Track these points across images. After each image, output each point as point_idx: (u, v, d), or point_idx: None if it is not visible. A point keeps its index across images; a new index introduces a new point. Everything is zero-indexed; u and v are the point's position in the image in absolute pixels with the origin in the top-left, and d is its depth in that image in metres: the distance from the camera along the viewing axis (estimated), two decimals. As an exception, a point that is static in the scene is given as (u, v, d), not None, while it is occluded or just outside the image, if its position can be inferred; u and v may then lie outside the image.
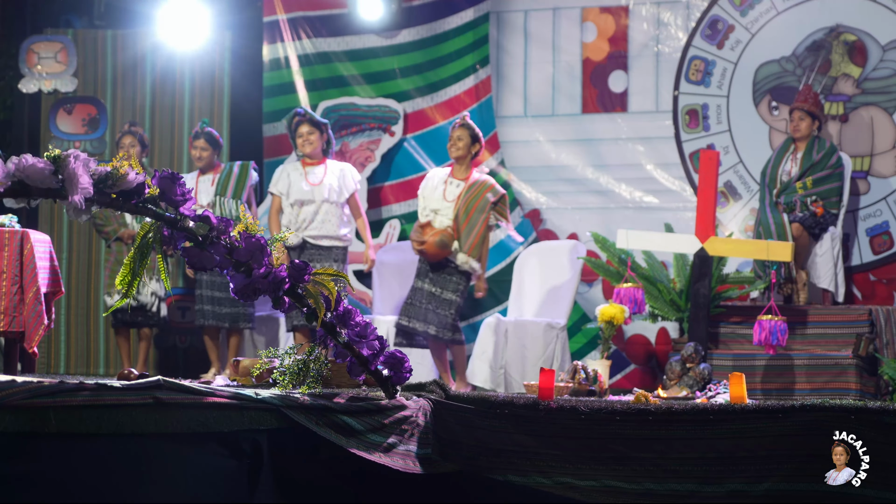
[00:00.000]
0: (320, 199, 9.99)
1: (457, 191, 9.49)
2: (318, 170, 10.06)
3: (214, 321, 10.24)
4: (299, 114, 10.15)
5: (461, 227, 9.43)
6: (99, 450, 5.90)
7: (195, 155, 10.43)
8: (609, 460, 6.82)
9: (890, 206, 10.50)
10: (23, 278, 8.00)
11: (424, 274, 9.54)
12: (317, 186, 10.00)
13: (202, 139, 10.42)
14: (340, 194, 10.02)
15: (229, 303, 10.14)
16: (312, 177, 10.03)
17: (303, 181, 10.02)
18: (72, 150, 6.05)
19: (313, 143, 10.05)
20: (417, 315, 9.48)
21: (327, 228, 9.95)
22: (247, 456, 6.26)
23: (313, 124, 10.08)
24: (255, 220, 6.40)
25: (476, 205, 9.46)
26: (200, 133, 10.44)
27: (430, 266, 9.52)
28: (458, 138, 9.53)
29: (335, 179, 10.03)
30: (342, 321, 6.48)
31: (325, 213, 9.98)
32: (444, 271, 9.47)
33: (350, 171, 10.20)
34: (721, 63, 11.10)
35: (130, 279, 6.31)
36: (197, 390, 6.17)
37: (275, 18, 12.16)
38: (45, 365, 11.20)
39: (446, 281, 9.44)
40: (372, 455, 6.41)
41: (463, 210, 9.44)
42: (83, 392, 5.91)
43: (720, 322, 9.80)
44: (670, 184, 11.17)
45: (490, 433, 6.92)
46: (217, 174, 10.39)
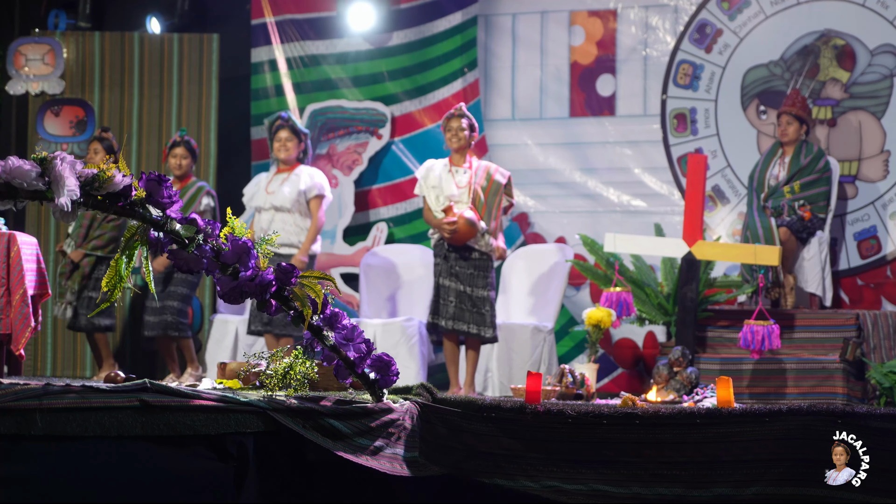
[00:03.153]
0: (272, 206, 9.95)
1: (465, 178, 9.40)
2: (282, 177, 10.02)
3: (148, 331, 10.20)
4: (282, 118, 10.13)
5: (482, 209, 9.35)
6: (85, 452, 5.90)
7: (175, 163, 10.32)
8: (596, 464, 6.82)
9: (878, 211, 10.51)
10: (9, 280, 7.98)
11: (446, 272, 9.39)
12: (271, 195, 9.97)
13: (182, 147, 10.35)
14: (297, 202, 9.92)
15: (157, 311, 10.10)
16: (273, 184, 10.00)
17: (263, 188, 10.02)
18: (59, 152, 6.04)
19: (289, 150, 10.02)
20: (453, 314, 9.35)
21: (284, 237, 9.88)
22: (233, 459, 6.25)
23: (293, 131, 10.05)
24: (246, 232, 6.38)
25: (490, 188, 9.41)
26: (180, 141, 10.37)
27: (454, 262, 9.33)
28: (460, 128, 9.45)
29: (293, 187, 9.94)
30: (329, 324, 6.47)
31: (280, 222, 9.91)
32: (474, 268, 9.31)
33: (317, 177, 10.05)
34: (709, 67, 11.11)
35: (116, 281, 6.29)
36: (184, 393, 6.16)
37: (263, 21, 12.15)
38: (31, 367, 11.18)
39: (475, 277, 9.31)
40: (359, 458, 6.41)
41: (478, 195, 9.36)
42: (69, 394, 5.90)
43: (708, 326, 9.80)
44: (658, 187, 11.17)
45: (477, 437, 6.92)
46: (182, 187, 10.32)
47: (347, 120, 11.90)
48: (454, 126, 9.48)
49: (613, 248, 9.82)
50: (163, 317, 10.08)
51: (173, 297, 10.08)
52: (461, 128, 9.46)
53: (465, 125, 9.46)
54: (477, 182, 9.38)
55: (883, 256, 10.49)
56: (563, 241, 11.21)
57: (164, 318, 10.08)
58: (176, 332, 10.12)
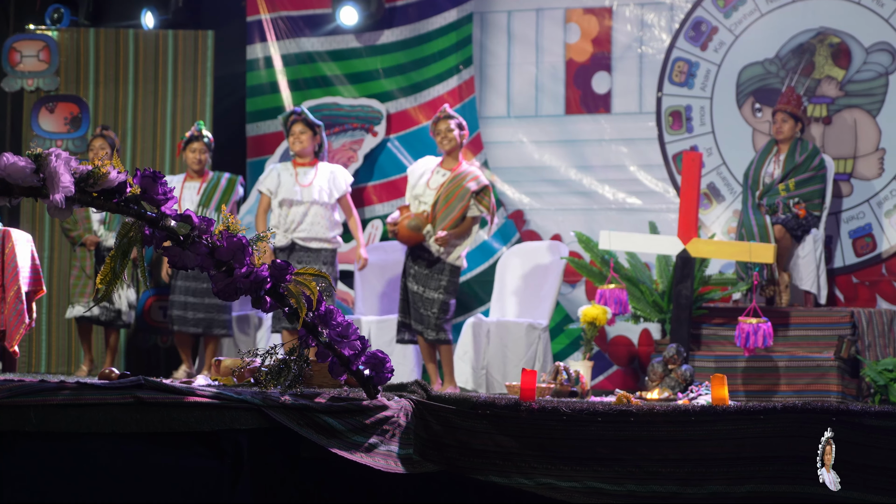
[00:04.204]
0: (309, 200, 9.93)
1: (441, 179, 9.47)
2: (310, 171, 10.01)
3: (185, 327, 10.19)
4: (296, 112, 10.12)
5: (438, 213, 9.41)
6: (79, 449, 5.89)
7: (194, 158, 10.28)
8: (591, 461, 6.82)
9: (873, 209, 10.52)
10: (4, 277, 7.97)
11: (407, 272, 9.54)
12: (307, 188, 9.95)
13: (200, 141, 10.33)
14: (331, 196, 9.97)
15: (203, 308, 10.11)
16: (303, 178, 9.97)
17: (293, 182, 9.97)
18: (53, 148, 6.03)
19: (303, 143, 10.00)
20: (408, 311, 9.52)
21: (316, 231, 9.90)
22: (228, 455, 6.25)
23: (306, 124, 10.04)
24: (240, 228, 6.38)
25: (456, 193, 9.44)
26: (199, 136, 10.35)
27: (413, 262, 9.50)
28: (448, 130, 9.49)
29: (325, 181, 9.97)
30: (323, 321, 6.46)
31: (314, 215, 9.93)
32: (428, 268, 9.44)
33: (341, 173, 10.14)
34: (704, 65, 11.11)
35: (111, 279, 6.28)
36: (178, 389, 6.16)
37: (258, 18, 12.15)
38: (25, 364, 11.17)
39: (428, 279, 9.42)
40: (353, 455, 6.41)
41: (443, 197, 9.41)
42: (64, 391, 5.90)
43: (702, 324, 9.81)
44: (653, 185, 11.17)
45: (472, 434, 6.92)
46: (204, 183, 10.32)
47: (343, 117, 11.90)
48: (442, 129, 9.51)
49: (608, 246, 9.82)
50: (209, 315, 10.11)
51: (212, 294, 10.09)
52: (449, 129, 9.48)
53: (453, 126, 9.48)
54: (450, 185, 9.43)
55: (878, 254, 10.49)
56: (558, 238, 11.21)
57: (211, 315, 10.11)
58: (223, 331, 10.19)
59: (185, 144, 10.37)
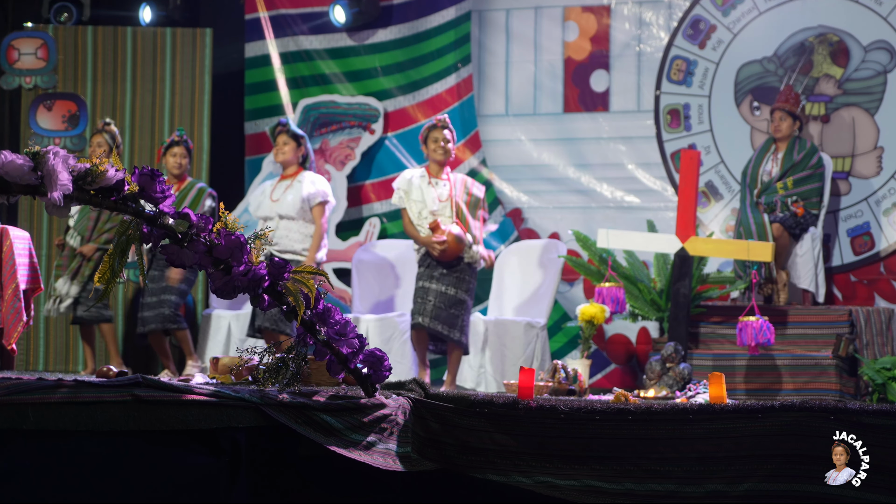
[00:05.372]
0: (276, 214, 9.91)
1: (444, 190, 9.39)
2: (285, 184, 9.96)
3: (143, 326, 10.14)
4: (281, 123, 10.09)
5: (465, 224, 9.34)
6: (77, 447, 5.89)
7: (174, 163, 10.25)
8: (589, 460, 6.81)
9: (871, 207, 10.52)
10: (2, 275, 7.96)
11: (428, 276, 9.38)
12: (276, 203, 9.92)
13: (181, 146, 10.30)
14: (301, 209, 9.86)
15: (151, 306, 10.07)
16: (277, 192, 9.96)
17: (268, 196, 9.98)
18: (51, 146, 6.03)
19: (286, 154, 9.97)
20: (431, 312, 9.29)
21: (286, 244, 9.84)
22: (225, 453, 6.25)
23: (290, 135, 10.01)
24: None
25: (468, 201, 9.42)
26: (179, 141, 10.32)
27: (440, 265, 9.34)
28: (445, 140, 9.39)
29: (296, 194, 9.89)
30: (321, 319, 6.46)
31: (283, 229, 9.86)
32: (453, 271, 9.32)
33: (319, 184, 9.99)
34: (703, 63, 11.11)
35: (110, 276, 6.28)
36: (176, 387, 6.16)
37: (256, 16, 12.15)
38: (23, 362, 11.16)
39: (459, 281, 9.30)
40: (351, 453, 6.40)
41: (460, 209, 9.35)
42: (61, 389, 5.89)
43: (700, 322, 9.81)
44: (651, 183, 11.17)
45: (470, 432, 6.92)
46: (179, 189, 10.27)
47: (340, 115, 11.90)
48: (439, 137, 9.39)
49: (606, 244, 9.82)
50: (160, 310, 10.05)
51: (170, 291, 10.05)
52: (446, 139, 9.39)
53: (448, 137, 9.41)
54: (458, 195, 9.38)
55: (876, 253, 10.49)
56: (556, 236, 11.21)
57: (161, 311, 10.04)
58: (174, 325, 10.09)
59: (165, 149, 10.33)
